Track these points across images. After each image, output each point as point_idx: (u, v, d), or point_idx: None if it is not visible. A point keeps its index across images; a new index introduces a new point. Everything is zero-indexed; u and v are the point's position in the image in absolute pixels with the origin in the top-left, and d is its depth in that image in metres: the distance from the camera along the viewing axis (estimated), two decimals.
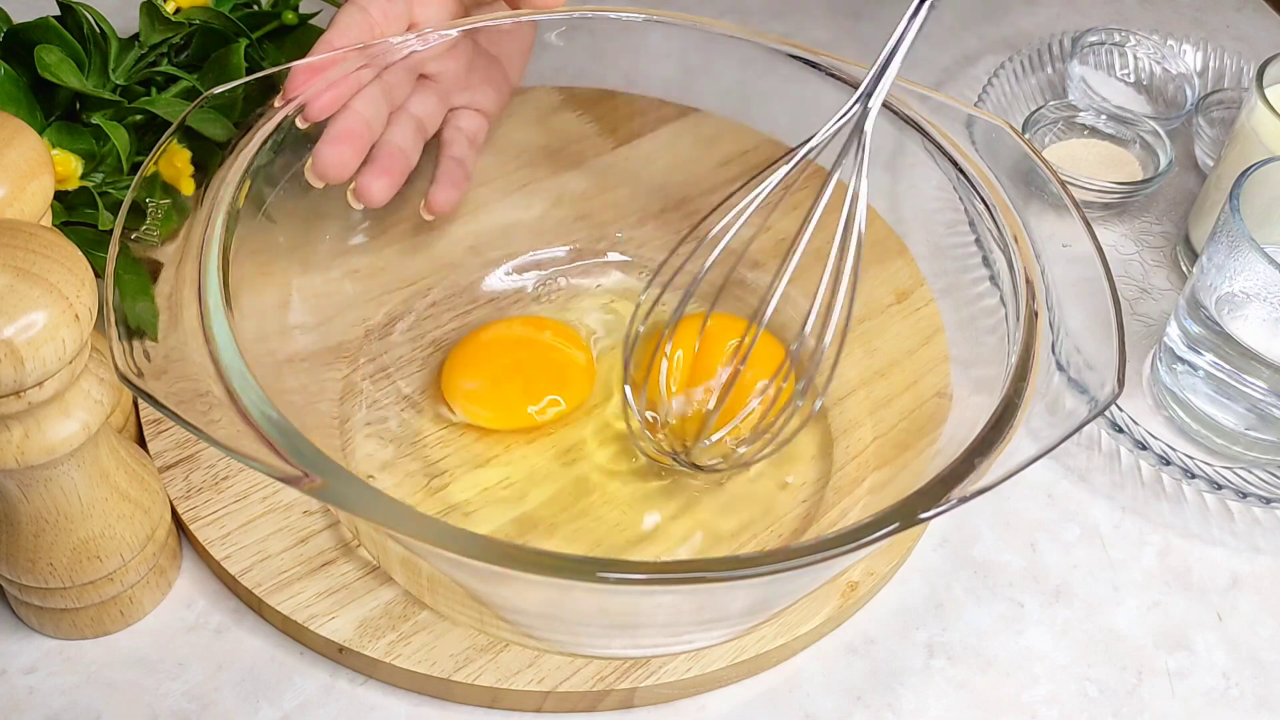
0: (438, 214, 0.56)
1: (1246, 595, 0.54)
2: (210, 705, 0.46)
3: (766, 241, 0.58)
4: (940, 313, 0.58)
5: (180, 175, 0.54)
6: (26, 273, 0.37)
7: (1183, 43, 0.76)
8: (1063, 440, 0.42)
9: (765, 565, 0.39)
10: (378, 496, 0.38)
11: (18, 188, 0.41)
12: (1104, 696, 0.50)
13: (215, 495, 0.50)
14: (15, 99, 0.53)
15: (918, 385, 0.55)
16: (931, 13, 0.50)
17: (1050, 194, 0.61)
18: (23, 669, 0.47)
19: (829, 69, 0.53)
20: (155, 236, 0.46)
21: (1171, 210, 0.69)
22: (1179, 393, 0.58)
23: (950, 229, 0.55)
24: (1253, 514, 0.56)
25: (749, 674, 0.49)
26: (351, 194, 0.52)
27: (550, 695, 0.47)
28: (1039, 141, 0.70)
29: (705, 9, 0.55)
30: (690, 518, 0.52)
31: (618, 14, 0.54)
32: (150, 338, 0.40)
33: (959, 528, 0.54)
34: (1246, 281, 0.53)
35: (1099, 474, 0.57)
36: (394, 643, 0.47)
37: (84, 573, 0.45)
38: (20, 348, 0.37)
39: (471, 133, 0.57)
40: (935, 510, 0.39)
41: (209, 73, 0.58)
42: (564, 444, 0.54)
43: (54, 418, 0.40)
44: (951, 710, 0.49)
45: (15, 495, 0.43)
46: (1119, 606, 0.53)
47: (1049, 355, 0.44)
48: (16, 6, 0.58)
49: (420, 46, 0.52)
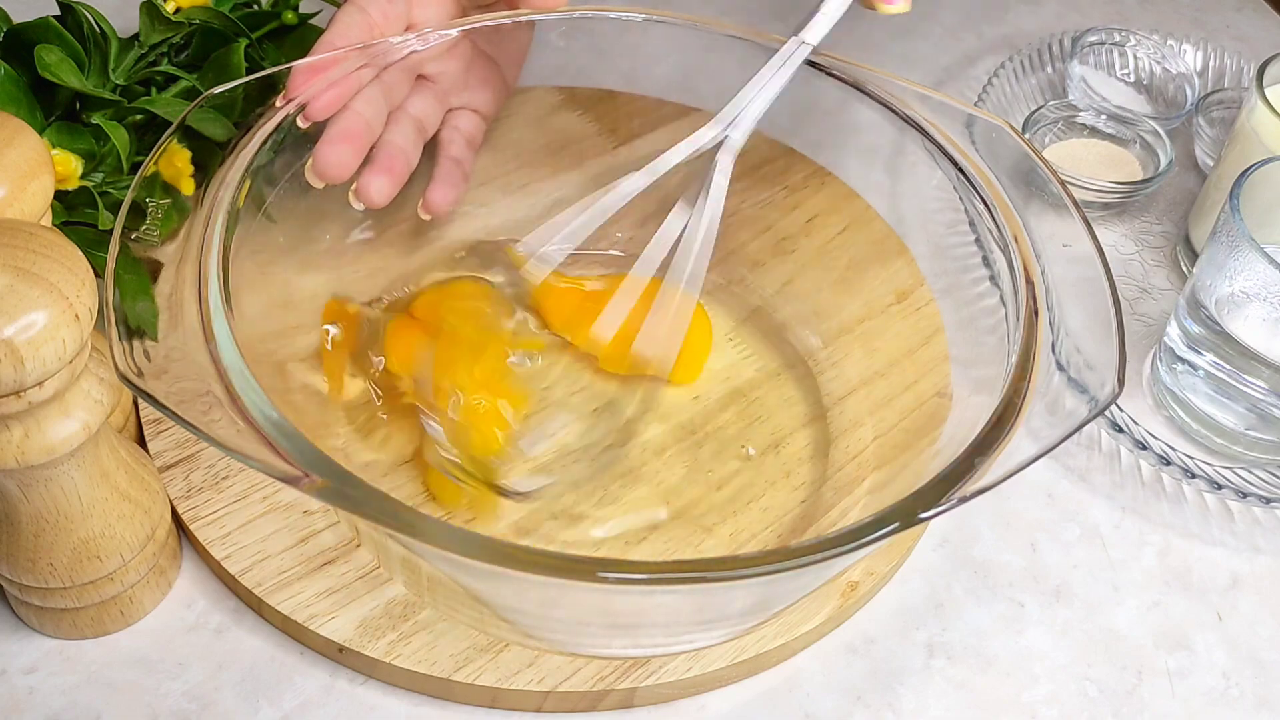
0: (436, 214, 0.56)
1: (1246, 595, 0.54)
2: (210, 705, 0.46)
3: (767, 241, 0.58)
4: (940, 313, 0.58)
5: (180, 175, 0.54)
6: (27, 272, 0.37)
7: (1183, 43, 0.76)
8: (1063, 440, 0.42)
9: (765, 565, 0.39)
10: (378, 496, 0.38)
11: (18, 187, 0.41)
12: (1104, 696, 0.50)
13: (215, 495, 0.50)
14: (15, 99, 0.53)
15: (918, 385, 0.55)
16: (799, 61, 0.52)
17: (1050, 194, 0.61)
18: (23, 669, 0.47)
19: (829, 69, 0.53)
20: (155, 236, 0.46)
21: (1171, 210, 0.69)
22: (1179, 393, 0.58)
23: (950, 229, 0.55)
24: (1253, 514, 0.56)
25: (749, 674, 0.49)
26: (352, 194, 0.52)
27: (550, 695, 0.47)
28: (1039, 141, 0.70)
29: (705, 9, 0.55)
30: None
31: (618, 14, 0.54)
32: (150, 337, 0.40)
33: (959, 527, 0.54)
34: (1246, 281, 0.53)
35: (1099, 474, 0.57)
36: (394, 642, 0.47)
37: (84, 572, 0.45)
38: (20, 347, 0.37)
39: (469, 133, 0.57)
40: (935, 510, 0.39)
41: (209, 73, 0.58)
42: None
43: (54, 417, 0.40)
44: (951, 710, 0.49)
45: (15, 495, 0.43)
46: (1119, 606, 0.53)
47: (1049, 355, 0.44)
48: (16, 6, 0.58)
49: (420, 46, 0.52)
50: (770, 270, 0.60)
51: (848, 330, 0.58)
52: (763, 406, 0.56)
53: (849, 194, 0.61)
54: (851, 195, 0.61)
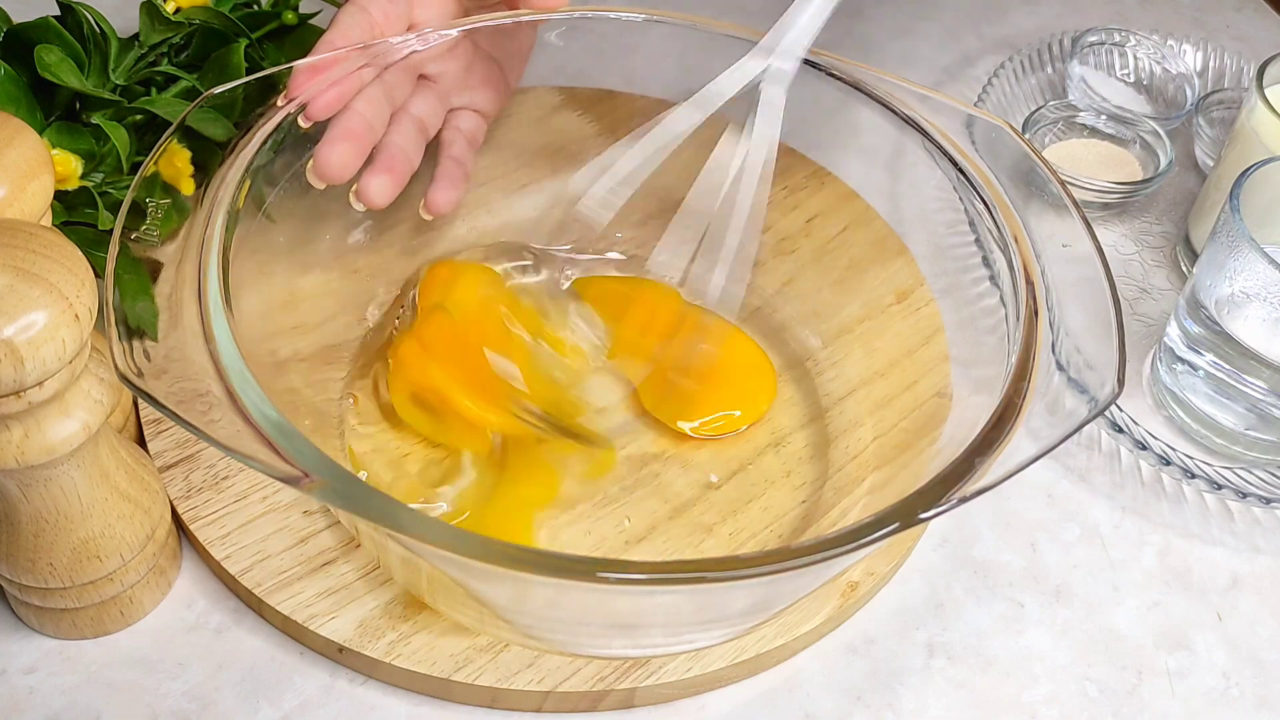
0: (437, 214, 0.56)
1: (1246, 595, 0.54)
2: (210, 705, 0.46)
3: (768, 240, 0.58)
4: (940, 313, 0.58)
5: (180, 175, 0.54)
6: (26, 273, 0.37)
7: (1183, 43, 0.76)
8: (1063, 440, 0.42)
9: (765, 565, 0.39)
10: (378, 496, 0.38)
11: (18, 187, 0.41)
12: (1104, 696, 0.50)
13: (215, 495, 0.50)
14: (15, 99, 0.53)
15: (918, 385, 0.55)
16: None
17: (1050, 194, 0.61)
18: (23, 669, 0.47)
19: (829, 69, 0.53)
20: (155, 236, 0.46)
21: (1171, 210, 0.69)
22: (1179, 393, 0.58)
23: (950, 229, 0.55)
24: (1253, 514, 0.56)
25: (749, 674, 0.49)
26: (353, 195, 0.52)
27: (550, 695, 0.47)
28: (1039, 141, 0.70)
29: (705, 9, 0.55)
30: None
31: (618, 14, 0.54)
32: (150, 337, 0.40)
33: (959, 528, 0.54)
34: (1246, 282, 0.53)
35: (1099, 474, 0.57)
36: (394, 643, 0.47)
37: (84, 572, 0.45)
38: (20, 347, 0.37)
39: (470, 133, 0.57)
40: (935, 510, 0.39)
41: (209, 73, 0.58)
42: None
43: (54, 417, 0.40)
44: (952, 710, 0.49)
45: (15, 495, 0.43)
46: (1119, 606, 0.53)
47: (1049, 355, 0.44)
48: (16, 6, 0.58)
49: (421, 47, 0.52)
50: (770, 270, 0.60)
51: (848, 330, 0.58)
52: None
53: (849, 194, 0.61)
54: (851, 195, 0.61)
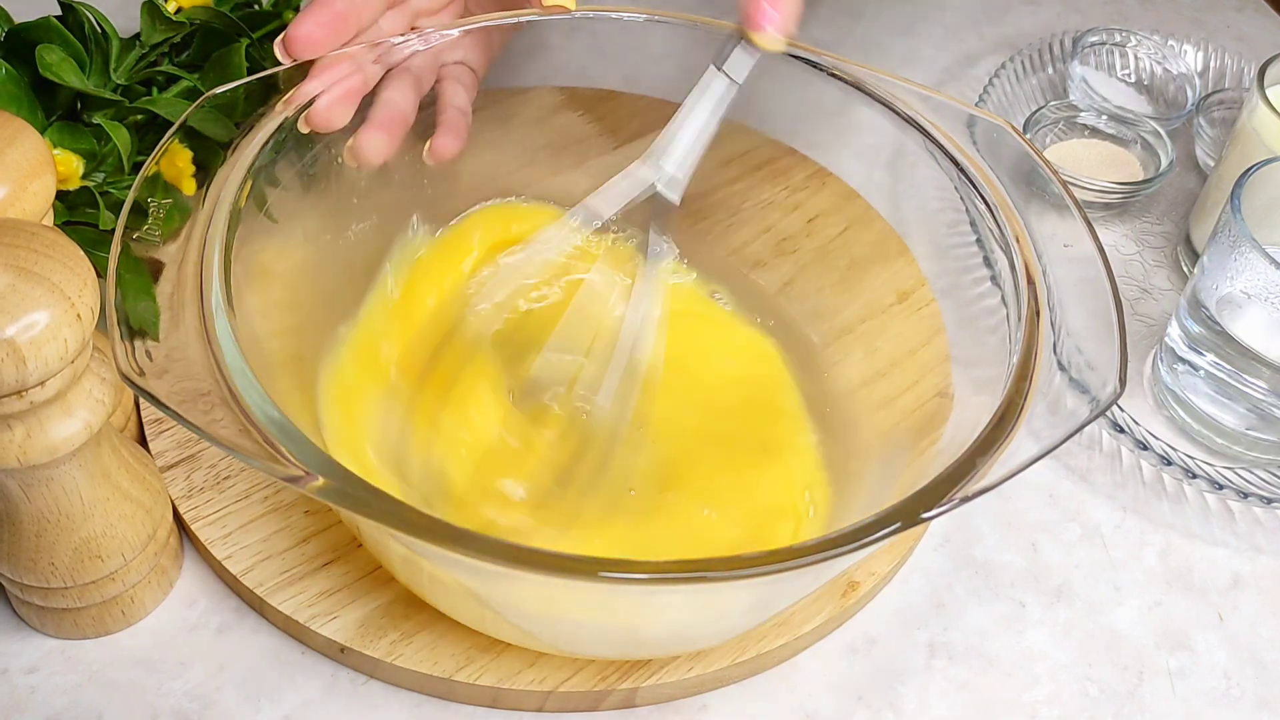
0: (441, 161, 0.55)
1: (1247, 595, 0.54)
2: (212, 705, 0.46)
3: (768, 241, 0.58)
4: (941, 313, 0.58)
5: (182, 175, 0.54)
6: (28, 272, 0.37)
7: (1183, 43, 0.76)
8: (1064, 440, 0.42)
9: (765, 565, 0.39)
10: (379, 496, 0.38)
11: (19, 187, 0.41)
12: (1105, 696, 0.50)
13: (217, 495, 0.50)
14: (16, 99, 0.53)
15: (919, 385, 0.55)
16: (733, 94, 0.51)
17: (1051, 194, 0.61)
18: (24, 668, 0.47)
19: (830, 69, 0.53)
20: (157, 236, 0.46)
21: (1172, 210, 0.69)
22: (1180, 393, 0.58)
23: (951, 229, 0.55)
24: (1254, 514, 0.56)
25: (750, 674, 0.49)
26: (348, 152, 0.51)
27: (551, 695, 0.47)
28: (1040, 141, 0.70)
29: (705, 9, 0.55)
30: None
31: (618, 14, 0.54)
32: (152, 337, 0.40)
33: (960, 528, 0.54)
34: (1247, 282, 0.53)
35: (1100, 474, 0.57)
36: (395, 642, 0.47)
37: (86, 572, 0.45)
38: (22, 347, 0.37)
39: (468, 85, 0.57)
40: (937, 510, 0.39)
41: (210, 72, 0.58)
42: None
43: (56, 417, 0.40)
44: (953, 710, 0.49)
45: (17, 495, 0.43)
46: (1120, 606, 0.53)
47: (1050, 355, 0.44)
48: (17, 6, 0.58)
49: (422, 46, 0.52)
50: (771, 270, 0.60)
51: (849, 330, 0.58)
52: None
53: (850, 194, 0.61)
54: (852, 195, 0.61)
